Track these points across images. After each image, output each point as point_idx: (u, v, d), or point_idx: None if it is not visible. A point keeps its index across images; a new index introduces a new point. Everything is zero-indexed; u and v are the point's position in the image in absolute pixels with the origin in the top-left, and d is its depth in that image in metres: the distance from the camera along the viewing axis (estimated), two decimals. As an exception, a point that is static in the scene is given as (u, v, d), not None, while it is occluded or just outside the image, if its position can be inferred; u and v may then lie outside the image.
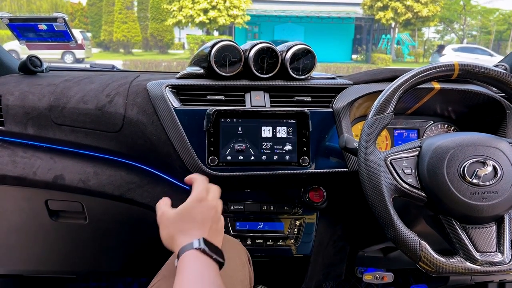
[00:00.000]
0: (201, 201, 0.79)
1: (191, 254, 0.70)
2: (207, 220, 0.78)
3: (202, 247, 0.71)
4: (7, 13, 1.20)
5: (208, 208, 0.79)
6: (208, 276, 0.67)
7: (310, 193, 1.19)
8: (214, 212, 0.80)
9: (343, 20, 23.29)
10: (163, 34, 23.00)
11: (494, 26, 25.36)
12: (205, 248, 0.71)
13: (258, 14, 22.31)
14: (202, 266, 0.69)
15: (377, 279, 1.48)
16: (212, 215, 0.79)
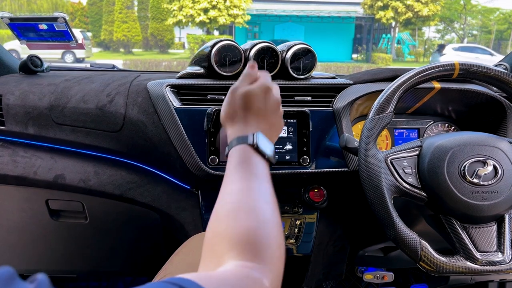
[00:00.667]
0: (268, 92, 0.74)
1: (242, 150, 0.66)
2: (268, 112, 0.73)
3: (256, 143, 0.66)
4: (8, 13, 1.20)
5: (273, 99, 0.75)
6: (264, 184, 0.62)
7: (311, 193, 1.19)
8: (277, 105, 0.76)
9: (343, 19, 23.28)
10: (163, 33, 23.00)
11: (494, 26, 25.34)
12: (258, 144, 0.66)
13: (258, 13, 22.30)
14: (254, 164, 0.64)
15: (377, 278, 1.48)
16: (276, 107, 0.75)
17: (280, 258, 0.52)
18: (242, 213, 0.54)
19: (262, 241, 0.51)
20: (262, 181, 0.62)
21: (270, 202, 0.60)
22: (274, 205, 0.60)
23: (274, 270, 0.49)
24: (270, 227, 0.54)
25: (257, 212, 0.55)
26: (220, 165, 1.06)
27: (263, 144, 0.67)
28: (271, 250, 0.51)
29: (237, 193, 0.58)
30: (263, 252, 0.50)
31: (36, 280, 0.30)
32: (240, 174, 0.62)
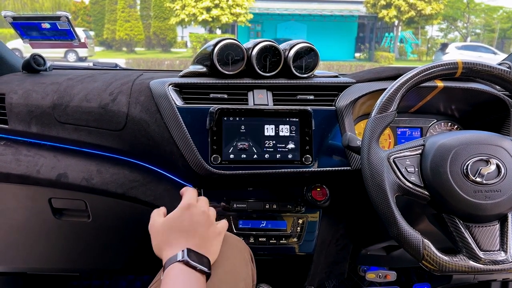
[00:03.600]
0: (189, 208, 0.80)
1: (174, 267, 0.70)
2: (195, 227, 0.78)
3: (185, 259, 0.71)
4: (11, 12, 1.20)
5: (197, 213, 0.80)
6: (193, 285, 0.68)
7: (313, 192, 1.19)
8: (205, 217, 0.80)
9: (346, 18, 23.23)
10: (165, 32, 23.00)
11: (497, 24, 25.24)
12: (188, 260, 0.71)
13: (261, 12, 22.28)
14: (184, 279, 0.69)
15: (379, 277, 1.48)
16: (202, 221, 0.80)
17: None
18: None
19: None
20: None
21: None
22: None
23: None
24: None
25: None
26: (223, 164, 1.07)
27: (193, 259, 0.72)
28: None
29: None
30: None
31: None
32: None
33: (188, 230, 0.78)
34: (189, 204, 0.81)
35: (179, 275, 0.70)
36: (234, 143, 1.08)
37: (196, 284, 0.69)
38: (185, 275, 0.70)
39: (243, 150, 1.08)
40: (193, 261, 0.71)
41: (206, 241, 0.79)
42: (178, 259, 0.71)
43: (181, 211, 0.80)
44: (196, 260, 0.72)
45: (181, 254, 0.72)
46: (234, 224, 1.18)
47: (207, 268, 0.73)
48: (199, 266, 0.71)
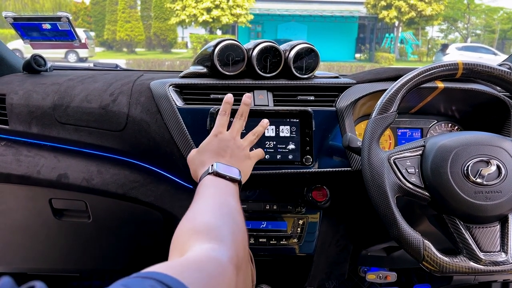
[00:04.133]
0: (217, 135, 0.88)
1: (206, 179, 0.77)
2: (224, 149, 0.85)
3: (215, 170, 0.77)
4: (11, 12, 1.20)
5: (225, 139, 0.87)
6: (219, 196, 0.72)
7: (313, 192, 1.18)
8: (233, 142, 0.87)
9: (346, 19, 23.23)
10: (166, 33, 23.01)
11: (498, 25, 25.23)
12: (217, 171, 0.77)
13: (261, 13, 22.29)
14: (215, 188, 0.75)
15: (380, 278, 1.48)
16: (232, 145, 0.86)
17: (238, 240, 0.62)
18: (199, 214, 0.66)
19: (217, 227, 0.61)
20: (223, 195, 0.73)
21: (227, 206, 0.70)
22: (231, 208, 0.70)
23: (232, 248, 0.57)
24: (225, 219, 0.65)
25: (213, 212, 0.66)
26: (223, 164, 1.06)
27: (222, 169, 0.78)
28: (227, 233, 0.60)
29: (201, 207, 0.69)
30: (219, 235, 0.59)
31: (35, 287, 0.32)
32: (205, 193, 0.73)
33: (218, 152, 0.84)
34: (218, 131, 0.88)
35: (210, 183, 0.75)
36: (234, 144, 1.08)
37: (226, 188, 0.75)
38: (216, 183, 0.76)
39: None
40: (223, 171, 0.78)
41: (236, 159, 0.85)
42: (209, 171, 0.78)
43: (210, 138, 0.88)
44: (226, 170, 0.79)
45: (211, 167, 0.78)
46: (235, 224, 1.18)
47: (238, 176, 0.79)
48: (228, 174, 0.78)
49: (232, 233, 0.62)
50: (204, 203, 0.70)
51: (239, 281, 0.58)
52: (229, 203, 0.71)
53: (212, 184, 0.75)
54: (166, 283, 0.41)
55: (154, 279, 0.41)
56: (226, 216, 0.67)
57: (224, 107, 0.93)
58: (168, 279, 0.42)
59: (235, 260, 0.56)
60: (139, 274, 0.43)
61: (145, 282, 0.40)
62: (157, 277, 0.42)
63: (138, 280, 0.41)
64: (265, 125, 0.96)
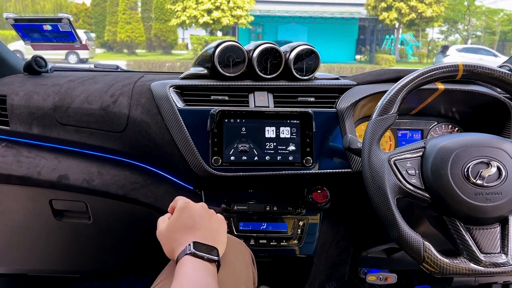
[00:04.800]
0: (186, 207, 0.83)
1: (184, 260, 0.74)
2: (198, 220, 0.81)
3: (192, 250, 0.74)
4: (12, 14, 1.20)
5: (196, 209, 0.83)
6: (199, 278, 0.71)
7: (314, 194, 1.18)
8: (204, 211, 0.84)
9: (346, 20, 23.24)
10: (166, 34, 23.02)
11: (498, 27, 25.23)
12: (194, 251, 0.74)
13: (262, 14, 22.30)
14: (194, 269, 0.72)
15: (380, 280, 1.48)
16: (203, 213, 0.83)
17: None
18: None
19: None
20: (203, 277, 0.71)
21: None
22: None
23: None
24: None
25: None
26: (223, 165, 1.07)
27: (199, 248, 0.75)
28: None
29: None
30: None
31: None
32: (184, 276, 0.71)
33: (192, 226, 0.81)
34: (185, 203, 0.84)
35: (188, 266, 0.73)
36: (235, 145, 1.08)
37: (205, 272, 0.73)
38: (194, 265, 0.73)
39: (244, 152, 1.08)
40: (200, 251, 0.75)
41: (212, 231, 0.82)
42: (186, 252, 0.74)
43: (180, 211, 0.83)
44: (203, 250, 0.76)
45: (188, 247, 0.75)
46: (235, 226, 1.18)
47: (216, 256, 0.76)
48: (206, 255, 0.75)
49: None
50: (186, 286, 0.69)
51: None
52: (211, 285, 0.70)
53: (190, 266, 0.73)
54: None
55: None
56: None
57: None
58: None
59: None
60: None
61: None
62: None
63: None
64: None
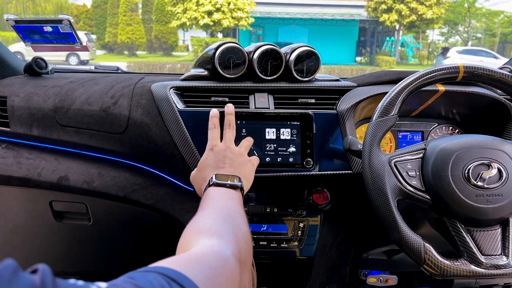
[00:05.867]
0: (212, 148, 0.90)
1: (208, 191, 0.79)
2: (221, 159, 0.87)
3: (214, 181, 0.80)
4: (13, 15, 1.20)
5: (220, 151, 0.89)
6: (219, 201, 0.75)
7: (314, 195, 1.18)
8: (228, 152, 0.89)
9: (347, 22, 23.26)
10: (167, 36, 23.07)
11: (499, 29, 25.25)
12: (216, 181, 0.80)
13: (262, 16, 22.33)
14: (215, 195, 0.77)
15: (381, 281, 1.48)
16: (227, 155, 0.88)
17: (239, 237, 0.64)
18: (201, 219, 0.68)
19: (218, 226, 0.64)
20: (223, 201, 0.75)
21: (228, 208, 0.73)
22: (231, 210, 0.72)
23: (234, 244, 0.59)
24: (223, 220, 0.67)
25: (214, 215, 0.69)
26: (224, 167, 1.06)
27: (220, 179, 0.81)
28: (228, 230, 0.63)
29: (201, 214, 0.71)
30: (219, 232, 0.61)
31: (39, 270, 0.32)
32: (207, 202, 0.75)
33: (216, 165, 0.86)
34: (212, 145, 0.91)
35: (211, 194, 0.78)
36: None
37: (227, 195, 0.77)
38: (217, 192, 0.78)
39: (244, 153, 1.08)
40: (221, 180, 0.80)
41: (236, 167, 0.87)
42: (209, 184, 0.80)
43: (207, 153, 0.90)
44: (225, 178, 0.81)
45: (211, 179, 0.81)
46: (235, 227, 1.18)
47: (239, 183, 0.81)
48: (228, 182, 0.80)
49: (232, 230, 0.64)
50: (205, 210, 0.72)
51: (245, 278, 0.60)
52: (229, 206, 0.73)
53: (212, 194, 0.77)
54: (170, 276, 0.43)
55: (158, 273, 0.43)
56: (227, 217, 0.69)
57: (213, 121, 0.95)
58: (171, 272, 0.43)
59: (237, 255, 0.57)
60: (144, 268, 0.45)
61: (149, 275, 0.42)
62: (162, 270, 0.43)
63: (143, 273, 0.43)
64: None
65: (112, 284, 0.39)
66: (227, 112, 0.96)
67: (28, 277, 0.31)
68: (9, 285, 0.28)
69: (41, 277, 0.31)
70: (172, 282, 0.42)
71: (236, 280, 0.54)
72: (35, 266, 0.33)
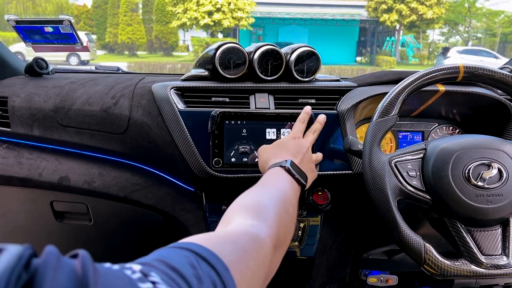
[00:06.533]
0: (295, 139, 0.92)
1: (275, 169, 0.80)
2: (300, 150, 0.88)
3: (288, 166, 0.79)
4: (14, 16, 1.20)
5: (302, 144, 0.91)
6: (283, 187, 0.74)
7: (314, 195, 1.18)
8: (306, 150, 0.90)
9: (347, 22, 23.26)
10: (167, 36, 23.07)
11: (499, 28, 25.25)
12: (290, 168, 0.79)
13: (263, 16, 22.33)
14: (282, 179, 0.77)
15: (381, 281, 1.48)
16: (305, 151, 0.89)
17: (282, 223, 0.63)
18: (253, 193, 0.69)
19: (264, 206, 0.63)
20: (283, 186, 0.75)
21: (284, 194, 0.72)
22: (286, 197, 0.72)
23: (273, 228, 0.59)
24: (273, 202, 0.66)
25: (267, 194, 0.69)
26: (224, 167, 1.07)
27: (294, 168, 0.81)
28: (272, 213, 0.62)
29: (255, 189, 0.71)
30: (263, 213, 0.61)
31: (79, 255, 0.34)
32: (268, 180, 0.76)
33: (294, 152, 0.87)
34: (296, 136, 0.93)
35: (277, 174, 0.78)
36: (235, 147, 1.08)
37: (290, 184, 0.77)
38: (283, 176, 0.78)
39: (245, 153, 1.08)
40: (294, 169, 0.80)
41: (307, 163, 0.89)
42: (282, 165, 0.80)
43: (290, 138, 0.92)
44: (297, 171, 0.81)
45: (285, 162, 0.81)
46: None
47: (305, 181, 0.82)
48: (297, 175, 0.80)
49: (277, 214, 0.63)
50: (262, 187, 0.73)
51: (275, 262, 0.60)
52: (286, 192, 0.73)
53: (278, 175, 0.78)
54: (201, 254, 0.43)
55: (189, 250, 0.43)
56: (277, 200, 0.68)
57: (303, 116, 0.98)
58: (202, 250, 0.43)
59: (274, 239, 0.57)
60: (176, 244, 0.45)
61: (181, 252, 0.42)
62: (193, 247, 0.43)
63: (174, 250, 0.43)
64: (322, 121, 1.01)
65: (145, 265, 0.39)
66: (318, 120, 1.01)
67: (70, 262, 0.33)
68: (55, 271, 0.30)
69: (82, 261, 0.33)
70: (201, 261, 0.42)
71: (266, 264, 0.54)
72: (75, 251, 0.36)
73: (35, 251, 0.32)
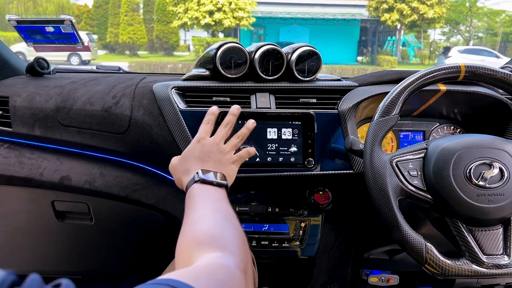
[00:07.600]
0: (200, 141, 0.86)
1: (193, 188, 0.76)
2: (208, 154, 0.84)
3: (200, 177, 0.77)
4: (15, 15, 1.21)
5: (208, 144, 0.85)
6: (211, 203, 0.73)
7: (316, 195, 1.18)
8: (216, 147, 0.85)
9: (348, 22, 23.24)
10: (168, 36, 23.06)
11: (500, 28, 25.21)
12: (203, 178, 0.77)
13: (263, 16, 22.33)
14: (204, 195, 0.75)
15: (382, 281, 1.48)
16: (215, 150, 0.85)
17: (240, 244, 0.62)
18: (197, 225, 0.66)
19: (218, 235, 0.62)
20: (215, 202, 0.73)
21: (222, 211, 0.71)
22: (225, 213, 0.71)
23: (237, 254, 0.58)
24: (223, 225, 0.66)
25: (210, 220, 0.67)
26: (225, 167, 1.07)
27: (207, 176, 0.78)
28: (228, 239, 0.62)
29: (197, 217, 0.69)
30: (221, 243, 0.60)
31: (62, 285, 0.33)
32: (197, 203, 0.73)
33: (201, 157, 0.83)
34: (200, 137, 0.86)
35: (199, 192, 0.75)
36: (236, 146, 1.08)
37: (216, 194, 0.76)
38: (205, 190, 0.76)
39: (246, 153, 1.08)
40: (208, 177, 0.77)
41: (221, 164, 0.84)
42: (195, 180, 0.77)
43: (193, 144, 0.86)
44: (212, 176, 0.78)
45: (196, 175, 0.78)
46: (237, 227, 1.18)
47: (224, 181, 0.80)
48: (215, 180, 0.78)
49: (233, 238, 0.63)
50: (198, 213, 0.70)
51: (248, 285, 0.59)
52: (222, 208, 0.72)
53: (201, 192, 0.75)
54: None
55: (169, 285, 0.42)
56: (223, 222, 0.67)
57: (208, 117, 0.91)
58: (181, 285, 0.43)
59: (241, 266, 0.57)
60: (154, 281, 0.44)
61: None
62: (171, 283, 0.43)
63: (153, 286, 0.42)
64: (251, 126, 0.92)
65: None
66: (230, 111, 0.92)
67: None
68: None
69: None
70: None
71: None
72: (58, 281, 0.34)
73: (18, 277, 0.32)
